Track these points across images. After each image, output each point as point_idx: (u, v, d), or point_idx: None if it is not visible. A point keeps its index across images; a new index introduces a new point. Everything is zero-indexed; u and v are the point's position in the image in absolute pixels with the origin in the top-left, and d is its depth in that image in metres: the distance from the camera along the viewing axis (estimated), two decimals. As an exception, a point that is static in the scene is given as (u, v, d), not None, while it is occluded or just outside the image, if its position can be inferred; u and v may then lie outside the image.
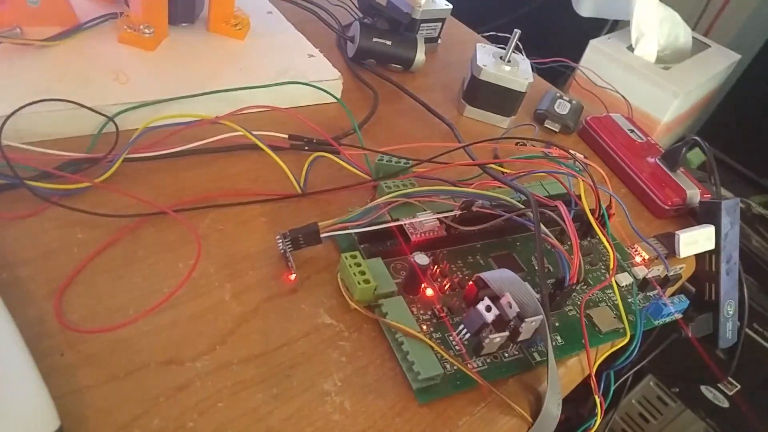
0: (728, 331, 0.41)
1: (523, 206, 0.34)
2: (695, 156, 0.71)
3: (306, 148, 0.39)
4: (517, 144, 0.46)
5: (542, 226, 0.32)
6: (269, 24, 0.51)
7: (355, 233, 0.33)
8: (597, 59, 0.70)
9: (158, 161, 0.36)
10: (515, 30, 0.48)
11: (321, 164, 0.39)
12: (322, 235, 0.32)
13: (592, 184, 0.35)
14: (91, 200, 0.33)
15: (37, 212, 0.31)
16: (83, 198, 0.33)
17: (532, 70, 0.51)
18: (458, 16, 0.66)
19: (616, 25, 0.91)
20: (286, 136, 0.39)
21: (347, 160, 0.38)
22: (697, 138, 0.47)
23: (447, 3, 0.57)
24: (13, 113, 0.32)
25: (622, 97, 0.65)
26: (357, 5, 0.55)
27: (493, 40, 0.64)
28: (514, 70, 0.49)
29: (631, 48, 0.69)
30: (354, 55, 0.51)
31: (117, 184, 0.34)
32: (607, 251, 0.34)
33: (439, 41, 0.60)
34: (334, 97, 0.46)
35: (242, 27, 0.47)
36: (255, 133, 0.37)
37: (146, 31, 0.42)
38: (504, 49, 0.49)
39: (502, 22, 0.90)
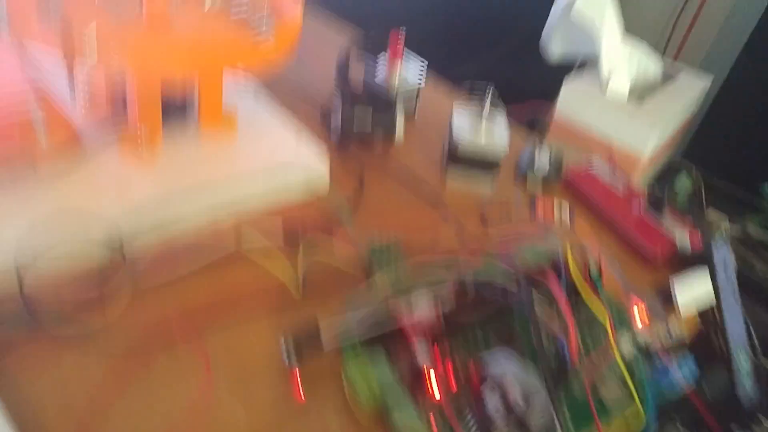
0: (747, 387, 0.39)
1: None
2: (683, 184, 0.73)
3: (300, 244, 0.41)
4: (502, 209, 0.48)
5: (538, 304, 0.33)
6: (257, 108, 0.53)
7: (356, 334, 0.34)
8: (572, 99, 0.72)
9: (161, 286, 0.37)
10: (489, 86, 0.50)
11: (315, 267, 0.40)
12: (323, 339, 0.33)
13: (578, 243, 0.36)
14: (105, 337, 0.34)
15: (55, 355, 0.32)
16: (97, 336, 0.34)
17: (507, 121, 0.52)
18: (430, 59, 0.65)
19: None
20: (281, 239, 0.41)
21: (340, 258, 0.40)
22: (683, 164, 0.48)
23: (420, 61, 0.59)
24: (34, 261, 0.34)
25: (601, 137, 0.67)
26: (335, 82, 0.57)
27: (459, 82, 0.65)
28: (490, 138, 0.50)
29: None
30: (337, 138, 0.53)
31: (127, 317, 0.35)
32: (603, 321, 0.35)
33: (416, 112, 0.62)
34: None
35: (231, 121, 0.49)
36: (250, 235, 0.39)
37: (143, 142, 0.43)
38: (479, 103, 0.51)
39: (471, 66, 0.92)
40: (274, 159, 0.47)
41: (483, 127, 0.51)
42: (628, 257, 0.48)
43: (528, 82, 0.78)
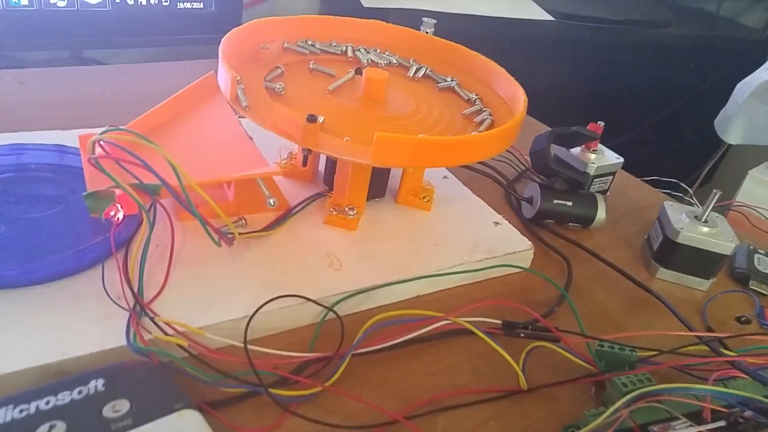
0: None
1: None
2: None
3: (522, 335, 0.38)
4: (740, 320, 0.43)
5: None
6: (448, 190, 0.51)
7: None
8: (758, 191, 0.66)
9: (376, 353, 0.36)
10: (714, 191, 0.46)
11: (537, 352, 0.38)
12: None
13: None
14: (323, 405, 0.32)
15: (279, 423, 0.31)
16: (315, 403, 0.32)
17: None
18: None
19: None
20: (500, 322, 0.38)
21: (570, 350, 0.36)
22: None
23: (618, 157, 0.56)
24: (253, 315, 0.34)
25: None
26: (531, 166, 0.55)
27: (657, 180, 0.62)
28: (714, 232, 0.46)
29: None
30: (534, 216, 0.51)
31: (344, 385, 0.33)
32: None
33: (608, 193, 0.58)
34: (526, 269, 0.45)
35: (429, 198, 0.48)
36: (468, 319, 0.37)
37: (350, 213, 0.43)
38: (692, 204, 0.47)
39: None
40: (473, 235, 0.46)
41: (705, 220, 0.47)
42: None
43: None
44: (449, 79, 0.49)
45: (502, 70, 0.48)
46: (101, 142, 0.34)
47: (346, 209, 0.43)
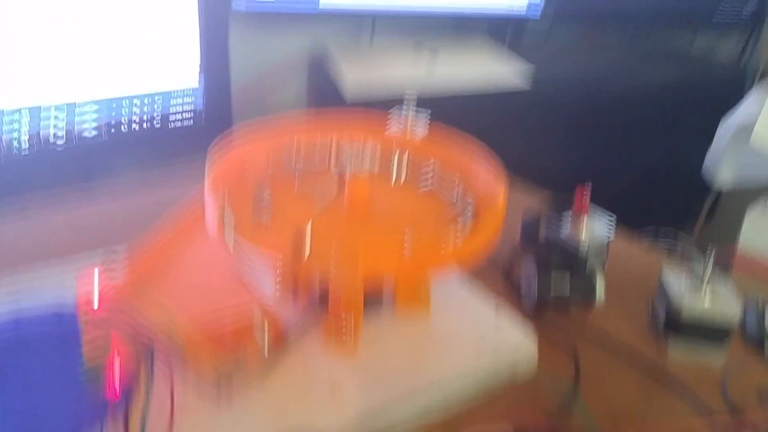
0: None
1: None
2: None
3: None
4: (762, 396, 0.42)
5: None
6: (445, 285, 0.51)
7: None
8: (762, 225, 0.66)
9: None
10: (709, 249, 0.46)
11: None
12: None
13: None
14: None
15: None
16: None
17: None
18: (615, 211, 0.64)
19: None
20: (511, 429, 0.38)
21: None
22: None
23: (609, 221, 0.56)
24: None
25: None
26: (522, 244, 0.55)
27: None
28: (716, 302, 0.46)
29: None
30: (534, 306, 0.51)
31: None
32: None
33: (606, 261, 0.58)
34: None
35: (426, 300, 0.48)
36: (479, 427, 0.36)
37: (347, 335, 0.43)
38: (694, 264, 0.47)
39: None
40: (473, 337, 0.45)
41: (705, 290, 0.46)
42: None
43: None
44: (430, 183, 0.50)
45: (480, 160, 0.48)
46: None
47: (344, 332, 0.43)
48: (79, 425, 0.35)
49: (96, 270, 0.40)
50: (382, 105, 0.89)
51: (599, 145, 1.16)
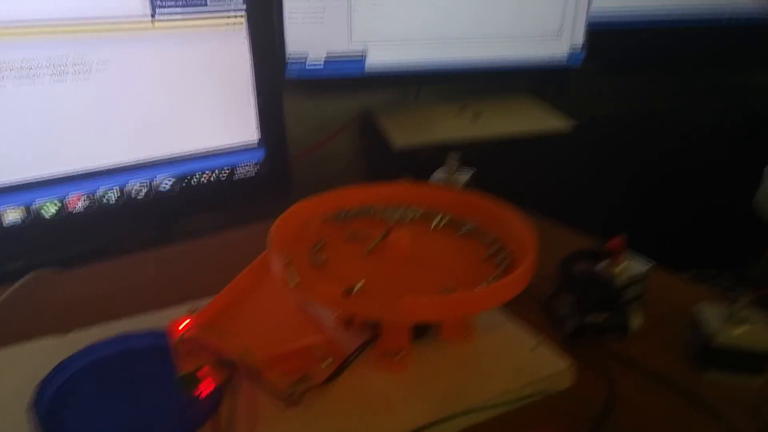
0: None
1: None
2: None
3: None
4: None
5: None
6: (488, 316, 0.56)
7: None
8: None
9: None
10: (746, 292, 0.49)
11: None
12: None
13: None
14: None
15: None
16: None
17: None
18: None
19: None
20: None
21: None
22: None
23: (646, 262, 0.60)
24: None
25: None
26: (559, 279, 0.60)
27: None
28: (751, 329, 0.49)
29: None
30: (571, 333, 0.56)
31: None
32: None
33: (644, 297, 0.61)
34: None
35: (470, 330, 0.53)
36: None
37: (398, 356, 0.49)
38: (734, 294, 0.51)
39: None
40: (514, 362, 0.51)
41: (741, 320, 0.50)
42: None
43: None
44: (468, 225, 0.56)
45: (514, 213, 0.55)
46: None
47: (394, 354, 0.49)
48: (178, 424, 0.42)
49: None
50: (428, 152, 0.97)
51: (649, 188, 1.18)
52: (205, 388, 0.43)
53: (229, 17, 0.80)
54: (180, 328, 0.45)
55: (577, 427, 0.45)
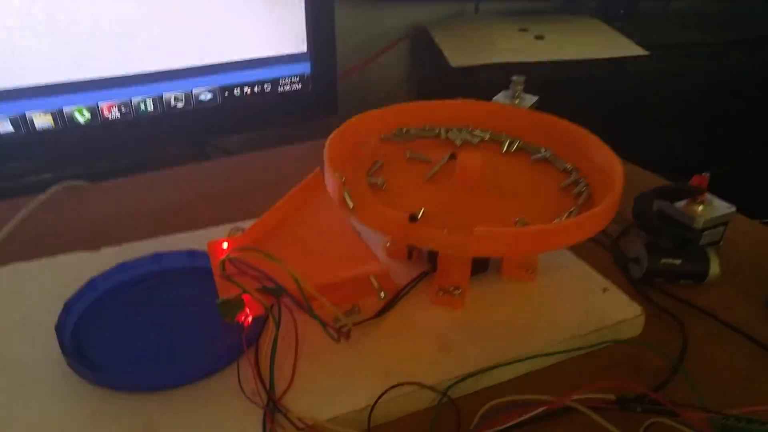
0: None
1: None
2: None
3: (638, 410, 0.38)
4: None
5: None
6: (552, 256, 0.51)
7: None
8: None
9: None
10: None
11: (656, 428, 0.37)
12: None
13: None
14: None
15: None
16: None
17: None
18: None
19: None
20: (614, 397, 0.38)
21: (692, 425, 0.36)
22: None
23: (729, 206, 0.54)
24: (374, 405, 0.36)
25: None
26: (635, 222, 0.54)
27: None
28: None
29: None
30: (642, 277, 0.50)
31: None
32: None
33: (722, 243, 0.56)
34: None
35: (533, 269, 0.48)
36: (581, 396, 0.37)
37: (455, 292, 0.45)
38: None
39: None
40: (580, 305, 0.46)
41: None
42: None
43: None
44: (543, 150, 0.50)
45: (596, 139, 0.48)
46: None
47: (452, 289, 0.45)
48: (216, 352, 0.38)
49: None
50: (487, 74, 0.89)
51: (728, 123, 1.07)
52: (247, 315, 0.38)
53: None
54: (222, 248, 0.40)
55: (646, 379, 0.41)
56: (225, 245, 0.43)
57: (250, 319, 0.39)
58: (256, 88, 0.80)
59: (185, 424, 0.35)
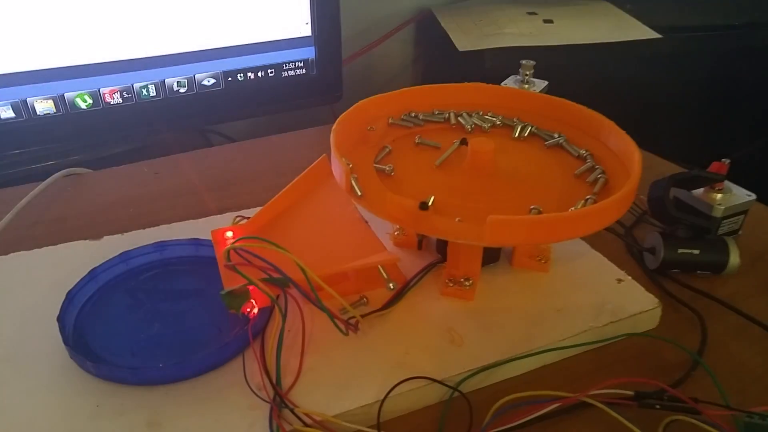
0: None
1: None
2: None
3: (657, 407, 0.36)
4: None
5: None
6: (565, 245, 0.50)
7: None
8: None
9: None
10: None
11: (676, 425, 0.36)
12: None
13: None
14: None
15: None
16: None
17: None
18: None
19: None
20: (632, 393, 0.37)
21: (714, 424, 0.34)
22: None
23: (748, 193, 0.52)
24: (383, 400, 0.35)
25: None
26: (649, 212, 0.53)
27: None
28: None
29: None
30: (658, 268, 0.49)
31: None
32: None
33: (740, 232, 0.55)
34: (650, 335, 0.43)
35: (545, 259, 0.47)
36: (598, 392, 0.36)
37: (466, 283, 0.43)
38: None
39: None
40: (595, 296, 0.44)
41: None
42: None
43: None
44: (557, 136, 0.48)
45: (611, 123, 0.46)
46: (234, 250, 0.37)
47: (462, 280, 0.43)
48: (221, 344, 0.37)
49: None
50: (495, 58, 0.87)
51: (744, 106, 1.05)
52: (253, 306, 0.37)
53: None
54: (226, 237, 0.39)
55: (663, 374, 0.39)
56: (229, 234, 0.42)
57: (255, 310, 0.37)
58: (259, 73, 0.79)
59: (190, 418, 0.34)
